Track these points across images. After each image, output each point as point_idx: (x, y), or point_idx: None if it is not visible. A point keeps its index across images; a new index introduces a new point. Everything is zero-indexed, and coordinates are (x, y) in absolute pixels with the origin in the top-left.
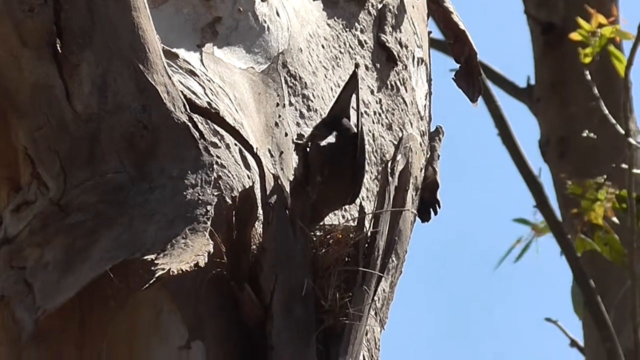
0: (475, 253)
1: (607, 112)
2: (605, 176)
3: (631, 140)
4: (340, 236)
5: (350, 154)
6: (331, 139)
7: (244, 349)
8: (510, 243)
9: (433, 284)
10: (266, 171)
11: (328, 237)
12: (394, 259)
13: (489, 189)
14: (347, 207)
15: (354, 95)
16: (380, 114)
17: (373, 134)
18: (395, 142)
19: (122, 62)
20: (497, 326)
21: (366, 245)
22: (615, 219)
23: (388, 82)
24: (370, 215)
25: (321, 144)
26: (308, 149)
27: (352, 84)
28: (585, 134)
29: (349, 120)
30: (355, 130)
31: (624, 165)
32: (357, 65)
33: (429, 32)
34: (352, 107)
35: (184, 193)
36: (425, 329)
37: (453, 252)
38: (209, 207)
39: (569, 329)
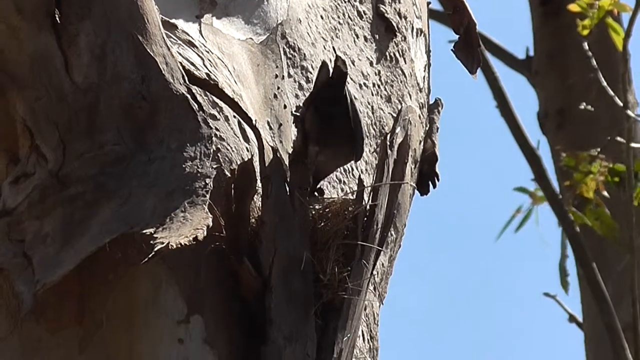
0: (474, 224)
1: (605, 84)
2: (599, 149)
3: (629, 112)
4: (339, 209)
5: (343, 115)
6: (323, 106)
7: (242, 322)
8: (510, 214)
9: (432, 256)
10: (265, 144)
11: (327, 210)
12: (392, 232)
13: (487, 161)
14: (346, 180)
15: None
16: (379, 86)
17: (372, 106)
18: (395, 115)
19: (121, 32)
20: (497, 299)
21: (365, 218)
22: (605, 193)
23: (387, 53)
24: (369, 188)
25: (314, 112)
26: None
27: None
28: (583, 106)
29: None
30: (344, 93)
31: (619, 138)
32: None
33: (428, 3)
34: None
35: (183, 165)
36: (423, 302)
37: (452, 224)
38: (207, 180)
39: (568, 303)
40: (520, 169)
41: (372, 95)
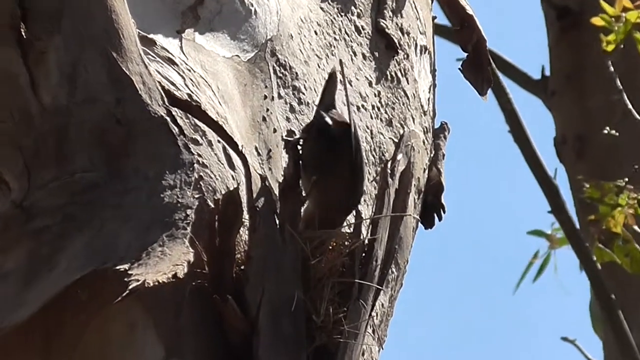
0: (484, 261)
1: (630, 106)
2: (626, 179)
3: None
4: (334, 244)
5: (345, 152)
6: (323, 136)
7: None
8: (524, 250)
9: (438, 296)
10: (252, 171)
11: (321, 245)
12: (393, 269)
13: (499, 192)
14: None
15: (341, 88)
16: (379, 108)
17: (371, 131)
18: (396, 140)
19: (94, 49)
20: (513, 343)
21: (363, 254)
22: (637, 227)
23: (388, 72)
24: (368, 220)
25: (313, 142)
26: (299, 147)
27: (332, 81)
28: (605, 131)
29: (341, 114)
30: (349, 123)
31: None
32: (341, 63)
33: (434, 17)
34: (342, 102)
35: (162, 195)
36: (431, 347)
37: (459, 261)
38: (189, 212)
39: (588, 348)
40: (535, 200)
41: (372, 118)
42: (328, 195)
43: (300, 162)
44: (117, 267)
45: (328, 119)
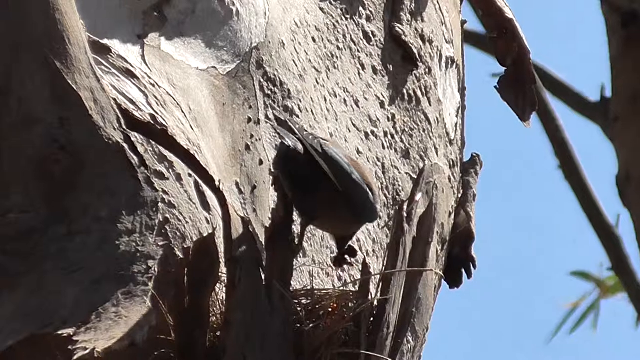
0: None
1: None
2: None
3: None
4: (335, 306)
5: (321, 177)
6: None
7: None
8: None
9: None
10: (232, 213)
11: (318, 306)
12: (410, 339)
13: (544, 241)
14: (345, 264)
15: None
16: (393, 136)
17: (383, 164)
18: (415, 176)
19: (32, 56)
20: None
21: (371, 318)
22: None
23: (404, 90)
24: (378, 276)
25: (288, 175)
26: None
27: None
28: None
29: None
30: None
31: None
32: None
33: (463, 22)
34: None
35: (117, 242)
36: None
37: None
38: (150, 263)
39: None
40: (591, 253)
41: (383, 148)
42: (328, 228)
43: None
44: (60, 332)
45: (288, 142)
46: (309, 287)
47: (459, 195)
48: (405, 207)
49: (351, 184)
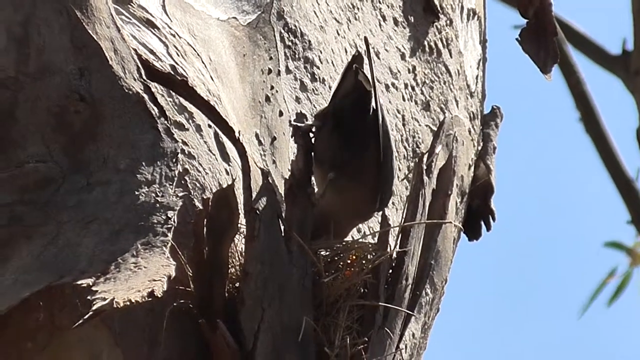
0: (543, 279)
1: None
2: None
3: None
4: (353, 257)
5: (370, 146)
6: (342, 125)
7: None
8: (596, 266)
9: (483, 324)
10: (252, 164)
11: (337, 258)
12: (428, 291)
13: (565, 195)
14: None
15: (366, 67)
16: (413, 88)
17: (403, 116)
18: (435, 128)
19: (51, 5)
20: None
21: (390, 270)
22: None
23: (425, 42)
24: (397, 228)
25: (330, 132)
26: (311, 136)
27: (358, 60)
28: None
29: (367, 99)
30: (375, 111)
31: None
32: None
33: None
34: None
35: (136, 193)
36: None
37: (511, 279)
38: (170, 214)
39: None
40: (611, 206)
41: (404, 100)
42: (346, 197)
43: (313, 154)
44: (78, 283)
45: (349, 106)
46: (327, 239)
47: (479, 148)
48: (425, 159)
49: (390, 166)
